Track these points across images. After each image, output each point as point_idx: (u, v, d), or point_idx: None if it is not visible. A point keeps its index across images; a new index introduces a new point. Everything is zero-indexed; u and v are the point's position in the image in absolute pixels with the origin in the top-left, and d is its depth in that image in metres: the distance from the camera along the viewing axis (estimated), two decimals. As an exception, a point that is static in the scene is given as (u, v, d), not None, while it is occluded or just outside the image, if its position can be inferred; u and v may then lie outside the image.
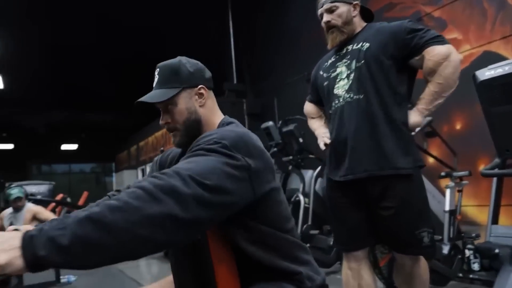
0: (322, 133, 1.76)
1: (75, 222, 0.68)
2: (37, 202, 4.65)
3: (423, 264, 1.60)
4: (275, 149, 3.99)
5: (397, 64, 1.55)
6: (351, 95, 1.59)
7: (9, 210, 4.06)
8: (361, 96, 1.56)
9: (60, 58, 10.55)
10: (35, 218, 3.97)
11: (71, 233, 0.66)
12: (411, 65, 1.56)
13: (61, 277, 4.14)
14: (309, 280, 0.99)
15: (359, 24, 1.69)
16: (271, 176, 0.95)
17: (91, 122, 15.25)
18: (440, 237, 2.46)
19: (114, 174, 17.60)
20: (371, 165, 1.52)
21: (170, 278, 1.11)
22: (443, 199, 3.03)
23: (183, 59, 1.11)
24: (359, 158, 1.54)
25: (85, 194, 6.78)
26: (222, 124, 1.09)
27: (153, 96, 1.07)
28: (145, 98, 1.06)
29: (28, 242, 0.65)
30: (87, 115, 14.38)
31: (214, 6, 9.60)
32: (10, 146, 15.84)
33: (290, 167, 3.83)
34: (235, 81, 9.46)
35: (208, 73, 1.15)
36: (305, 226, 3.32)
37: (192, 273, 0.98)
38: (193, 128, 1.08)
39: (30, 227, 0.71)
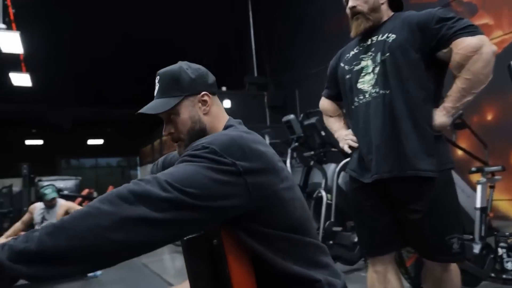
0: (344, 135, 1.66)
1: (44, 234, 0.68)
2: (63, 197, 4.78)
3: (454, 268, 1.51)
4: (296, 143, 3.92)
5: (425, 58, 1.43)
6: (377, 90, 1.48)
7: (41, 204, 4.19)
8: (387, 92, 1.46)
9: (85, 57, 10.80)
10: (67, 213, 4.08)
11: (38, 244, 0.66)
12: (440, 58, 1.43)
13: (87, 270, 4.25)
14: (330, 286, 0.94)
15: (386, 12, 1.57)
16: (275, 177, 0.90)
17: (116, 117, 15.57)
18: (471, 237, 2.34)
19: (138, 167, 17.94)
20: (394, 165, 1.43)
21: (186, 284, 1.09)
22: (473, 194, 2.90)
23: (184, 64, 1.06)
24: (384, 157, 1.45)
25: (110, 188, 6.93)
26: (224, 129, 1.04)
27: (153, 106, 1.03)
28: (145, 109, 1.03)
29: None
30: (112, 111, 14.70)
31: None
32: (40, 142, 16.43)
33: (311, 163, 3.75)
34: (255, 74, 9.39)
35: (211, 78, 1.09)
36: (327, 223, 3.25)
37: (207, 270, 0.95)
38: (198, 138, 1.01)
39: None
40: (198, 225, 0.81)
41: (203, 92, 1.04)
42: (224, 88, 8.82)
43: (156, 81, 1.06)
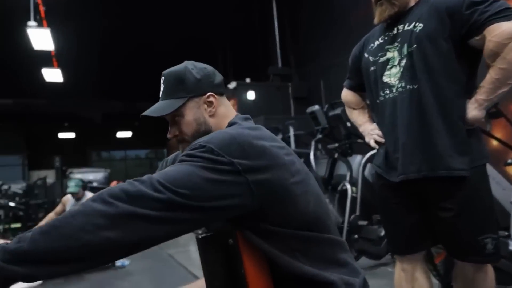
0: (370, 130, 1.58)
1: (37, 233, 0.67)
2: (92, 189, 4.91)
3: (487, 268, 1.41)
4: (320, 135, 3.84)
5: (456, 47, 1.32)
6: (403, 84, 1.39)
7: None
8: (415, 86, 1.36)
9: (113, 52, 11.03)
10: None
11: (30, 243, 0.66)
12: (472, 46, 1.32)
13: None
14: (347, 286, 0.89)
15: None
16: (282, 172, 0.86)
17: (143, 110, 15.87)
18: (507, 233, 2.21)
19: (166, 159, 18.35)
20: (424, 164, 1.34)
21: (202, 282, 1.07)
22: (509, 187, 2.75)
23: (189, 64, 1.03)
24: (411, 157, 1.36)
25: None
26: (227, 127, 1.01)
27: (158, 108, 1.01)
28: (149, 112, 1.02)
29: None
30: (139, 104, 15.01)
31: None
32: (72, 135, 17.04)
33: (336, 155, 3.66)
34: (280, 65, 9.27)
35: (218, 78, 1.06)
36: (352, 217, 3.17)
37: (222, 269, 0.93)
38: None
39: None
40: (193, 224, 0.80)
41: (209, 93, 1.02)
42: (248, 80, 8.77)
43: (161, 81, 1.04)
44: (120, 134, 18.05)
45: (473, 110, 1.31)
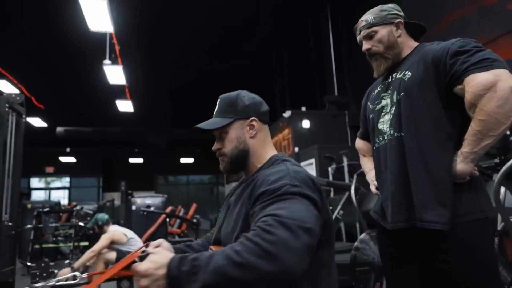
0: (372, 176, 1.59)
1: (207, 272, 0.78)
2: (150, 213, 5.22)
3: None
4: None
5: (443, 97, 1.31)
6: (391, 132, 1.41)
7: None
8: (401, 134, 1.37)
9: (178, 85, 11.87)
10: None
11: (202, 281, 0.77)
12: (457, 94, 1.29)
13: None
14: None
15: (406, 43, 1.49)
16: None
17: (205, 138, 16.64)
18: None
19: (225, 185, 18.79)
20: (411, 214, 1.32)
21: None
22: None
23: (242, 92, 1.21)
24: (399, 206, 1.35)
25: (193, 206, 7.38)
26: (275, 160, 1.14)
27: (208, 123, 1.18)
28: (201, 125, 1.18)
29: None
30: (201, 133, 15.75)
31: (313, 17, 9.59)
32: (140, 160, 18.31)
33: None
34: (336, 93, 9.22)
35: (264, 108, 1.22)
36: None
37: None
38: (240, 157, 1.17)
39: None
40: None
41: (253, 117, 1.17)
42: (303, 108, 8.82)
43: (217, 103, 1.22)
44: (184, 160, 19.00)
45: (459, 163, 1.26)
